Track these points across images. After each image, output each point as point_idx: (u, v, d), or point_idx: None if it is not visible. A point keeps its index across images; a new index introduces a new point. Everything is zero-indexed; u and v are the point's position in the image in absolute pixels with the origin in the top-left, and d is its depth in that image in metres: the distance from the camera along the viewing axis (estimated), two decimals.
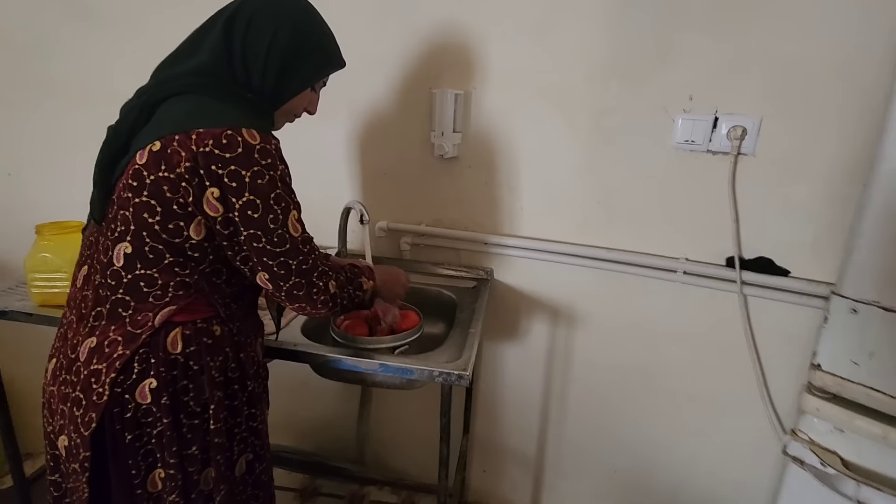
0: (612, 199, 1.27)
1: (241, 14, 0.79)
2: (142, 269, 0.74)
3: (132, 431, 0.75)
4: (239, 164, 0.70)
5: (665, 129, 1.17)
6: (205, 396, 0.78)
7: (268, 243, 0.75)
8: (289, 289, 0.78)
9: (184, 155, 0.69)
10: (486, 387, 1.54)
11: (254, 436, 0.88)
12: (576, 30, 1.17)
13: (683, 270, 1.23)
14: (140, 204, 0.71)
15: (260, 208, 0.73)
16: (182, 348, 0.76)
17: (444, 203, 1.39)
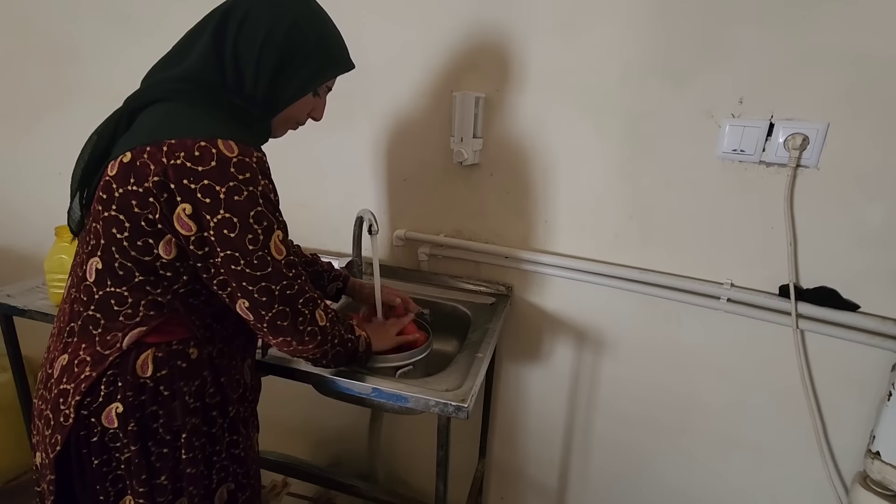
0: (646, 214, 1.13)
1: (235, 13, 0.72)
2: (112, 286, 0.70)
3: (99, 456, 0.71)
4: (212, 178, 0.64)
5: (709, 136, 1.03)
6: (177, 423, 0.74)
7: (247, 266, 0.67)
8: (272, 318, 0.71)
9: (153, 168, 0.64)
10: (504, 409, 1.44)
11: (236, 464, 0.83)
12: (609, 26, 1.05)
13: (727, 297, 1.08)
14: (109, 218, 0.67)
15: (237, 227, 0.66)
16: (153, 372, 0.72)
17: (465, 213, 1.30)
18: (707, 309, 1.11)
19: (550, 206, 1.21)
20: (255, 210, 0.67)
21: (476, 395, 0.92)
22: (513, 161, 1.21)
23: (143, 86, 0.76)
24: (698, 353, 1.16)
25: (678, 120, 1.05)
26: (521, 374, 1.38)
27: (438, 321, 1.28)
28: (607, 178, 1.14)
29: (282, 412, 1.61)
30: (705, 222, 1.08)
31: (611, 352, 1.26)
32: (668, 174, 1.09)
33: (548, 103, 1.14)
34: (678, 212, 1.10)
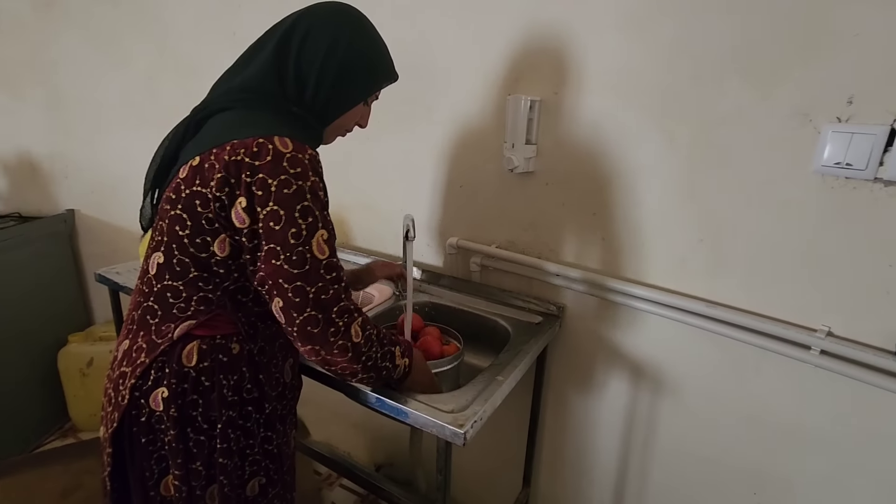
0: (721, 237, 0.95)
1: (297, 29, 0.76)
2: (169, 280, 0.74)
3: (146, 436, 0.77)
4: (266, 172, 0.67)
5: (805, 144, 0.83)
6: (214, 414, 0.77)
7: (286, 261, 0.68)
8: (302, 322, 0.69)
9: (217, 167, 0.68)
10: (552, 438, 1.32)
11: (268, 459, 0.86)
12: (681, 18, 0.90)
13: (821, 349, 0.85)
14: (174, 217, 0.72)
15: (282, 220, 0.67)
16: (196, 362, 0.75)
17: (519, 224, 1.22)
18: (793, 360, 0.89)
19: (609, 221, 1.08)
20: (301, 205, 0.68)
21: (483, 422, 0.85)
22: (569, 170, 1.11)
23: (208, 97, 0.82)
24: (779, 414, 0.94)
25: (763, 125, 0.86)
26: (571, 404, 1.26)
27: (478, 336, 1.23)
28: (674, 193, 0.98)
29: (346, 406, 1.67)
30: (796, 252, 0.87)
31: (672, 394, 1.08)
32: (748, 191, 0.90)
33: (609, 107, 1.02)
34: (760, 237, 0.90)
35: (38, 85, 1.89)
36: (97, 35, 1.75)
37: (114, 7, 1.68)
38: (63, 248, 2.01)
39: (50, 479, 1.68)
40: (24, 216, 1.96)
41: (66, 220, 2.00)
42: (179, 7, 1.58)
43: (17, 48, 1.86)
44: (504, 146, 1.14)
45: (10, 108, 1.93)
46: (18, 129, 1.96)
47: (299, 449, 1.59)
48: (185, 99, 0.82)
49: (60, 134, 1.93)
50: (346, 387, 0.93)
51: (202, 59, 1.63)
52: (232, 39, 1.56)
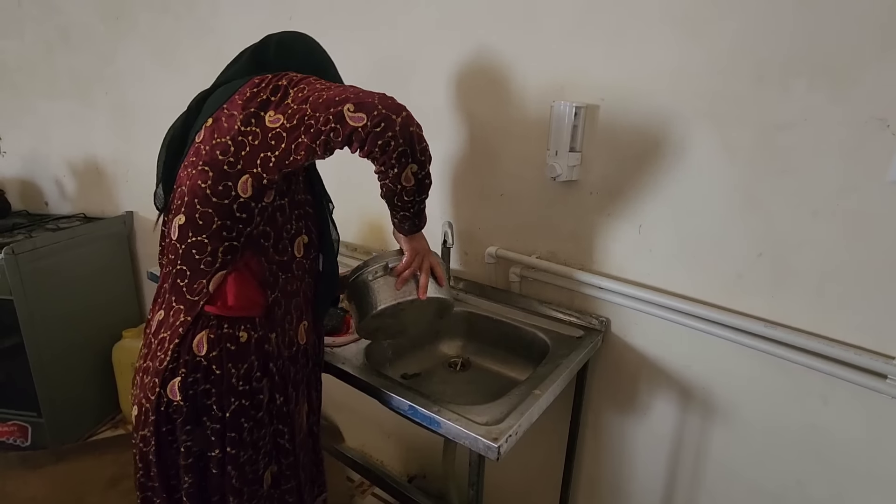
0: (782, 252, 0.88)
1: (266, 43, 0.87)
2: (193, 236, 0.78)
3: (166, 425, 0.80)
4: (275, 80, 0.75)
5: (881, 151, 0.75)
6: (226, 403, 0.79)
7: (327, 92, 0.72)
8: (381, 100, 0.70)
9: (235, 114, 0.75)
10: (592, 460, 1.26)
11: (281, 454, 0.87)
12: (743, 14, 0.85)
13: None
14: (196, 174, 0.77)
15: (305, 88, 0.73)
16: (207, 351, 0.78)
17: (561, 234, 1.18)
18: (866, 390, 0.81)
19: (657, 233, 1.03)
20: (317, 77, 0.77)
21: (518, 437, 0.82)
22: (615, 179, 1.06)
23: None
24: (850, 449, 0.85)
25: (832, 131, 0.79)
26: (612, 425, 1.19)
27: (516, 348, 1.19)
28: (731, 204, 0.92)
29: (381, 414, 1.67)
30: (870, 270, 0.79)
31: (723, 421, 1.00)
32: (814, 202, 0.83)
33: (660, 112, 0.97)
34: (828, 253, 0.83)
35: (106, 93, 2.01)
36: (159, 45, 1.85)
37: (175, 20, 1.77)
38: (121, 247, 2.12)
39: (101, 467, 1.76)
40: (88, 217, 2.09)
41: (126, 222, 2.11)
42: (233, 18, 1.64)
43: (88, 59, 1.99)
44: (547, 154, 1.11)
45: (81, 115, 2.07)
46: (87, 134, 2.09)
47: (332, 454, 1.59)
48: None
49: (123, 139, 2.05)
50: (380, 393, 0.92)
51: None
52: None
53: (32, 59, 2.06)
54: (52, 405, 1.83)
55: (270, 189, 0.78)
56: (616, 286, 1.08)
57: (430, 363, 1.23)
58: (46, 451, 1.81)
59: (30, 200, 2.21)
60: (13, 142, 2.17)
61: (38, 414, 1.82)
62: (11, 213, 2.08)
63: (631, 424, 1.16)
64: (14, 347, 1.73)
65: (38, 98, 2.09)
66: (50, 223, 1.95)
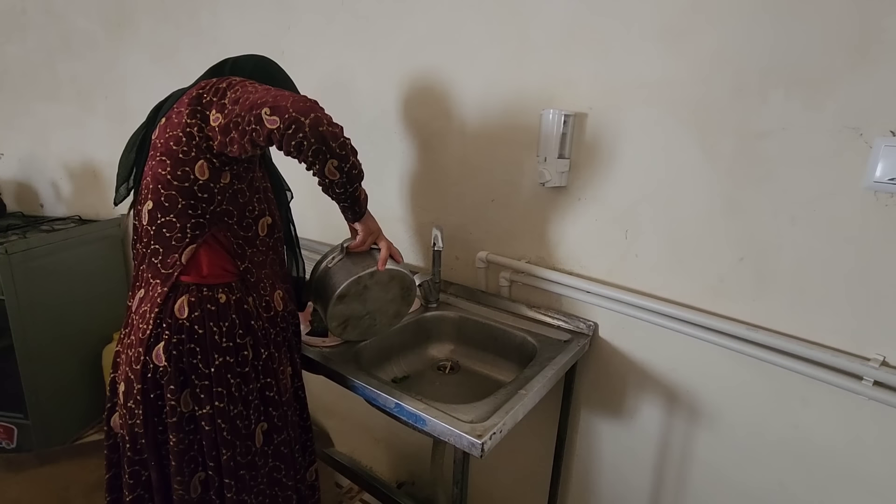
0: (763, 256, 0.90)
1: (223, 64, 0.96)
2: (161, 217, 0.84)
3: (154, 391, 0.83)
4: (217, 83, 0.82)
5: (855, 159, 0.78)
6: (209, 359, 0.83)
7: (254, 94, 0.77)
8: (293, 103, 0.75)
9: (183, 111, 0.81)
10: (580, 464, 1.26)
11: (270, 406, 0.91)
12: (722, 28, 0.88)
13: (875, 379, 0.79)
14: (156, 164, 0.83)
15: (239, 90, 0.79)
16: (188, 313, 0.83)
17: (550, 239, 1.20)
18: (844, 391, 0.82)
19: (643, 238, 1.05)
20: (252, 82, 0.82)
21: (503, 435, 0.83)
22: (603, 185, 1.09)
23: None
24: (829, 450, 0.86)
25: (810, 139, 0.82)
26: (600, 428, 1.20)
27: (505, 352, 1.20)
28: (713, 210, 0.94)
29: (370, 420, 1.67)
30: (847, 274, 0.82)
31: (708, 424, 1.02)
32: (792, 207, 0.85)
33: (645, 121, 1.00)
34: (807, 257, 0.85)
35: (105, 98, 2.04)
36: (160, 53, 1.88)
37: (176, 28, 1.81)
38: (115, 250, 2.13)
39: (86, 470, 1.74)
40: (83, 219, 2.10)
41: (120, 225, 2.12)
42: (234, 28, 1.68)
43: (89, 64, 2.02)
44: (537, 160, 1.14)
45: (81, 120, 2.09)
46: (85, 138, 2.11)
47: (322, 459, 1.59)
48: None
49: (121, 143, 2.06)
50: (366, 391, 0.92)
51: None
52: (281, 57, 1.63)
53: (34, 64, 2.09)
54: (39, 407, 1.81)
55: (225, 171, 0.84)
56: (603, 290, 1.10)
57: (419, 366, 1.24)
58: (30, 453, 1.79)
59: (25, 202, 2.22)
60: (11, 144, 2.19)
61: (24, 416, 1.80)
62: (6, 214, 2.08)
63: (618, 427, 1.17)
64: (3, 349, 1.73)
65: (38, 102, 2.12)
66: (45, 225, 1.96)
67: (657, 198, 1.01)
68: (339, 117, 0.83)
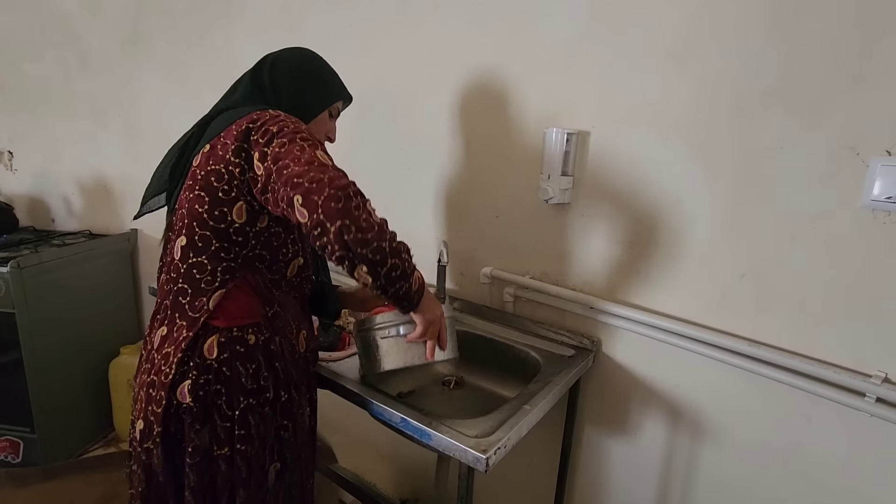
0: (764, 273, 0.91)
1: (266, 61, 0.94)
2: (194, 257, 0.82)
3: (175, 426, 0.82)
4: (268, 123, 0.78)
5: (853, 178, 0.80)
6: (235, 401, 0.82)
7: (296, 165, 0.72)
8: (325, 200, 0.68)
9: (228, 143, 0.79)
10: (584, 480, 1.26)
11: (285, 447, 0.90)
12: (723, 49, 0.91)
13: (877, 396, 0.79)
14: (193, 198, 0.81)
15: (286, 144, 0.75)
16: (217, 354, 0.82)
17: (553, 255, 1.22)
18: (846, 408, 0.83)
19: (645, 255, 1.06)
20: (300, 135, 0.78)
21: (507, 450, 0.84)
22: (606, 202, 1.10)
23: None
24: (833, 467, 0.86)
25: (808, 158, 0.84)
26: (604, 445, 1.20)
27: (509, 367, 1.21)
28: (715, 227, 0.96)
29: (374, 435, 1.67)
30: (847, 291, 0.83)
31: (712, 440, 1.02)
32: (793, 225, 0.87)
33: (648, 140, 1.02)
34: (807, 274, 0.86)
35: (118, 114, 2.09)
36: (173, 71, 1.93)
37: (188, 47, 1.86)
38: (124, 264, 2.16)
39: (91, 485, 1.74)
40: (93, 233, 2.13)
41: (130, 239, 2.15)
42: (245, 45, 1.73)
43: (104, 82, 2.07)
44: (540, 177, 1.16)
45: (94, 135, 2.14)
46: (98, 154, 2.16)
47: (325, 474, 1.59)
48: None
49: (132, 160, 2.11)
50: (372, 405, 0.93)
51: None
52: None
53: (51, 82, 2.14)
54: (45, 421, 1.83)
55: (263, 214, 0.83)
56: (606, 306, 1.11)
57: (424, 381, 1.25)
58: (36, 468, 1.79)
59: (37, 217, 2.26)
60: (25, 160, 2.23)
61: (31, 430, 1.81)
62: (19, 228, 2.12)
63: (623, 443, 1.17)
64: (12, 362, 1.75)
65: (54, 119, 2.17)
66: (56, 239, 1.99)
67: (659, 215, 1.03)
68: (343, 134, 0.85)
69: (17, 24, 2.12)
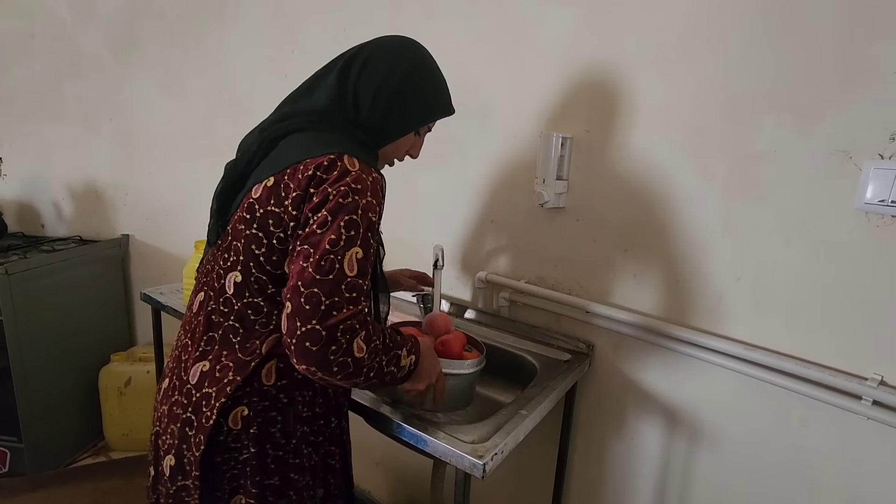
0: (760, 277, 0.91)
1: (358, 58, 0.79)
2: (249, 297, 0.75)
3: (221, 455, 0.76)
4: (331, 183, 0.69)
5: (846, 181, 0.80)
6: (290, 430, 0.79)
7: (312, 265, 0.66)
8: (301, 336, 0.64)
9: (292, 186, 0.70)
10: (580, 485, 1.25)
11: (329, 473, 0.88)
12: (716, 54, 0.91)
13: (874, 399, 0.79)
14: (250, 236, 0.73)
15: (327, 225, 0.67)
16: (275, 380, 0.77)
17: (549, 259, 1.22)
18: (843, 411, 0.83)
19: (641, 258, 1.06)
20: (349, 216, 0.68)
21: (504, 455, 0.83)
22: (601, 207, 1.11)
23: (276, 116, 0.84)
24: (830, 471, 0.86)
25: (801, 162, 0.84)
26: (601, 450, 1.19)
27: (504, 371, 1.20)
28: (710, 231, 0.96)
29: (369, 442, 1.65)
30: (842, 293, 0.83)
31: (709, 445, 1.01)
32: (787, 229, 0.87)
33: (642, 144, 1.02)
34: (802, 277, 0.86)
35: (111, 120, 2.07)
36: (165, 77, 1.92)
37: (183, 53, 1.85)
38: (115, 270, 2.13)
39: (80, 496, 1.71)
40: (84, 239, 2.11)
41: (121, 245, 2.13)
42: (239, 52, 1.72)
43: (95, 87, 2.06)
44: (535, 181, 1.16)
45: (84, 140, 2.12)
46: (89, 159, 2.13)
47: None
48: (239, 135, 0.86)
49: (124, 165, 2.09)
50: (368, 411, 0.92)
51: (256, 99, 1.76)
52: (284, 80, 1.67)
53: (41, 87, 2.12)
54: (33, 431, 1.79)
55: None
56: (602, 310, 1.11)
57: None
58: (23, 478, 1.76)
59: (26, 222, 2.23)
60: (15, 165, 2.21)
61: (18, 439, 1.78)
62: (7, 234, 2.09)
63: (619, 447, 1.16)
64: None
65: (44, 123, 2.15)
66: (45, 245, 1.97)
67: (655, 219, 1.03)
68: None
69: (7, 29, 2.11)
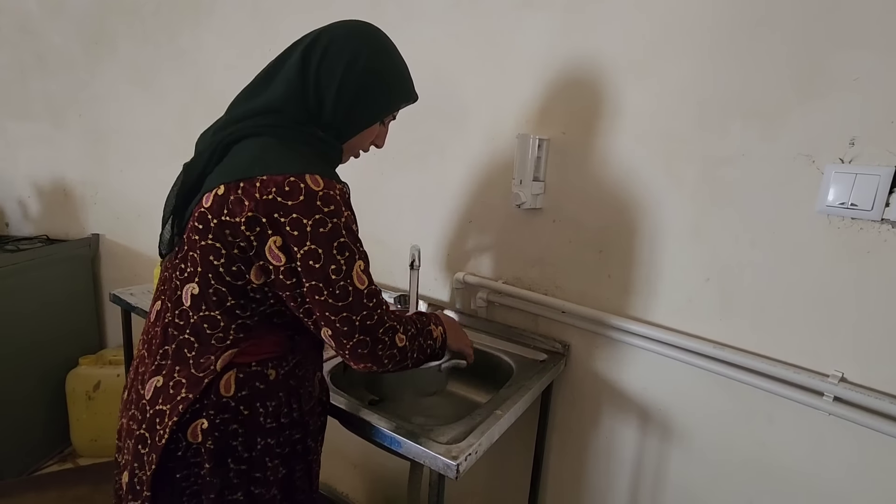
0: (727, 278, 0.94)
1: (318, 43, 0.75)
2: (206, 310, 0.73)
3: (181, 471, 0.73)
4: (300, 211, 0.66)
5: (808, 185, 0.83)
6: (254, 442, 0.76)
7: (329, 296, 0.68)
8: (353, 347, 0.71)
9: (247, 204, 0.67)
10: (556, 484, 1.26)
11: (297, 490, 0.84)
12: (685, 62, 0.93)
13: (835, 395, 0.82)
14: (206, 246, 0.70)
15: (322, 258, 0.67)
16: (234, 391, 0.74)
17: (526, 260, 1.22)
18: (806, 407, 0.85)
19: (615, 259, 1.08)
20: (338, 241, 0.68)
21: (478, 456, 0.83)
22: (577, 208, 1.12)
23: (230, 116, 0.80)
24: (796, 467, 0.89)
25: (766, 167, 0.87)
26: (576, 449, 1.21)
27: (481, 372, 1.20)
28: (681, 233, 0.98)
29: (346, 445, 1.64)
30: (805, 293, 0.86)
31: (680, 443, 1.03)
32: (753, 231, 0.89)
33: (616, 148, 1.04)
34: (768, 277, 0.89)
35: (79, 116, 2.01)
36: (138, 73, 1.87)
37: (156, 48, 1.81)
38: (84, 271, 2.07)
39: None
40: (51, 238, 2.04)
41: (91, 244, 2.07)
42: (214, 49, 1.69)
43: (63, 82, 2.00)
44: (512, 182, 1.17)
45: (52, 137, 2.06)
46: (56, 156, 2.07)
47: None
48: None
49: (94, 162, 2.04)
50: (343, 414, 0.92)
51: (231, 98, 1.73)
52: None
53: (5, 81, 2.05)
54: None
55: None
56: (577, 310, 1.12)
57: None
58: None
59: None
60: None
61: None
62: None
63: (594, 446, 1.17)
64: None
65: (8, 120, 2.08)
66: (10, 244, 1.90)
67: (629, 220, 1.05)
68: None
69: None
